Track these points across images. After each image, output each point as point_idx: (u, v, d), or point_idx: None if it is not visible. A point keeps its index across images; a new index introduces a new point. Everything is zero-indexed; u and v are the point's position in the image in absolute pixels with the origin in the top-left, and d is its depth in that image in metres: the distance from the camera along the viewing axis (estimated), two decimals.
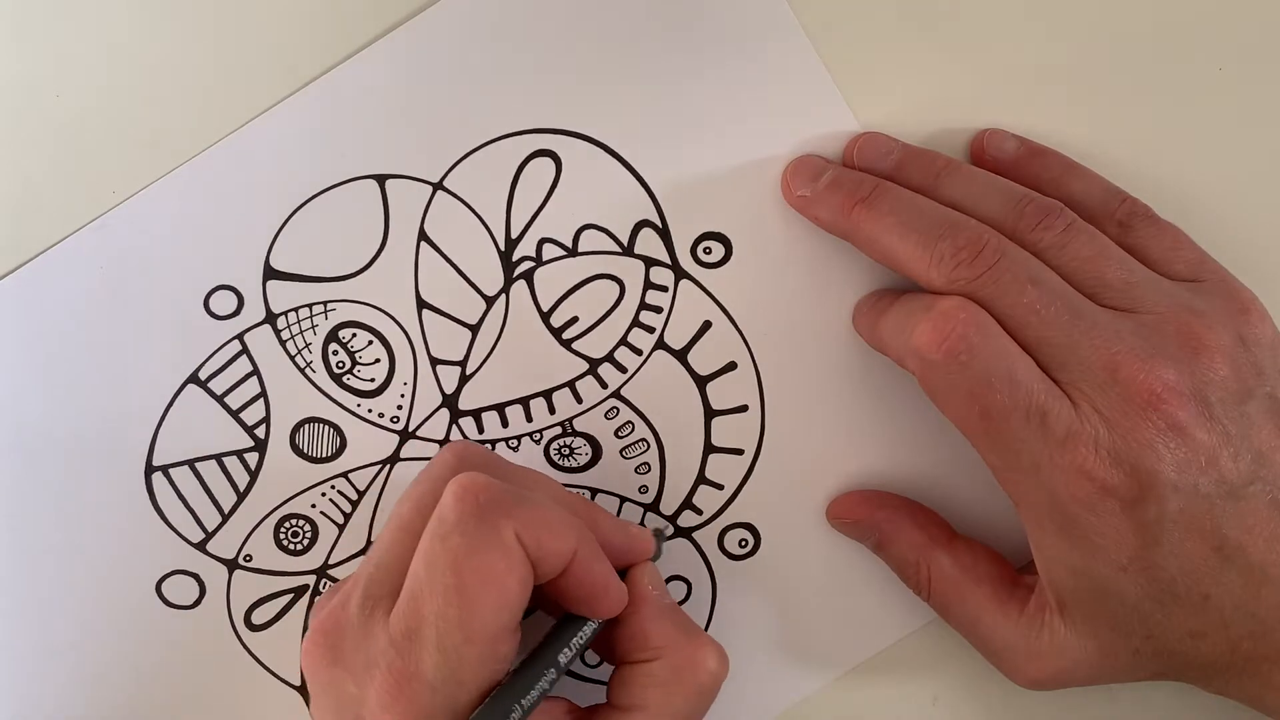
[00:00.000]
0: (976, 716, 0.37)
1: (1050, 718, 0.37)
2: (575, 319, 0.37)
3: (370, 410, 0.37)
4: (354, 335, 0.37)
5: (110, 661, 0.37)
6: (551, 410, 0.37)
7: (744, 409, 0.37)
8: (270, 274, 0.37)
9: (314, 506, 0.37)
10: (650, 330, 0.37)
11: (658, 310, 0.37)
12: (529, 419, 0.37)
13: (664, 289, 0.37)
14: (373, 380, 0.37)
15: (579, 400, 0.37)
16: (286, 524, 0.37)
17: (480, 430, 0.37)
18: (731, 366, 0.37)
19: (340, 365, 0.37)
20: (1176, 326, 0.30)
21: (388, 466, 0.37)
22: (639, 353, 0.37)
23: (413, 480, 0.33)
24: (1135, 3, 0.36)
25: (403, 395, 0.37)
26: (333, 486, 0.37)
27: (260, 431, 0.37)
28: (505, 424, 0.37)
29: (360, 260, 0.37)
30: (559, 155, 0.36)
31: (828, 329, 0.36)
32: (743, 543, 0.37)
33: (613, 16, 0.36)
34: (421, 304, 0.37)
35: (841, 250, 0.36)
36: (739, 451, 0.37)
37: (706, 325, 0.37)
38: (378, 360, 0.37)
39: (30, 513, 0.37)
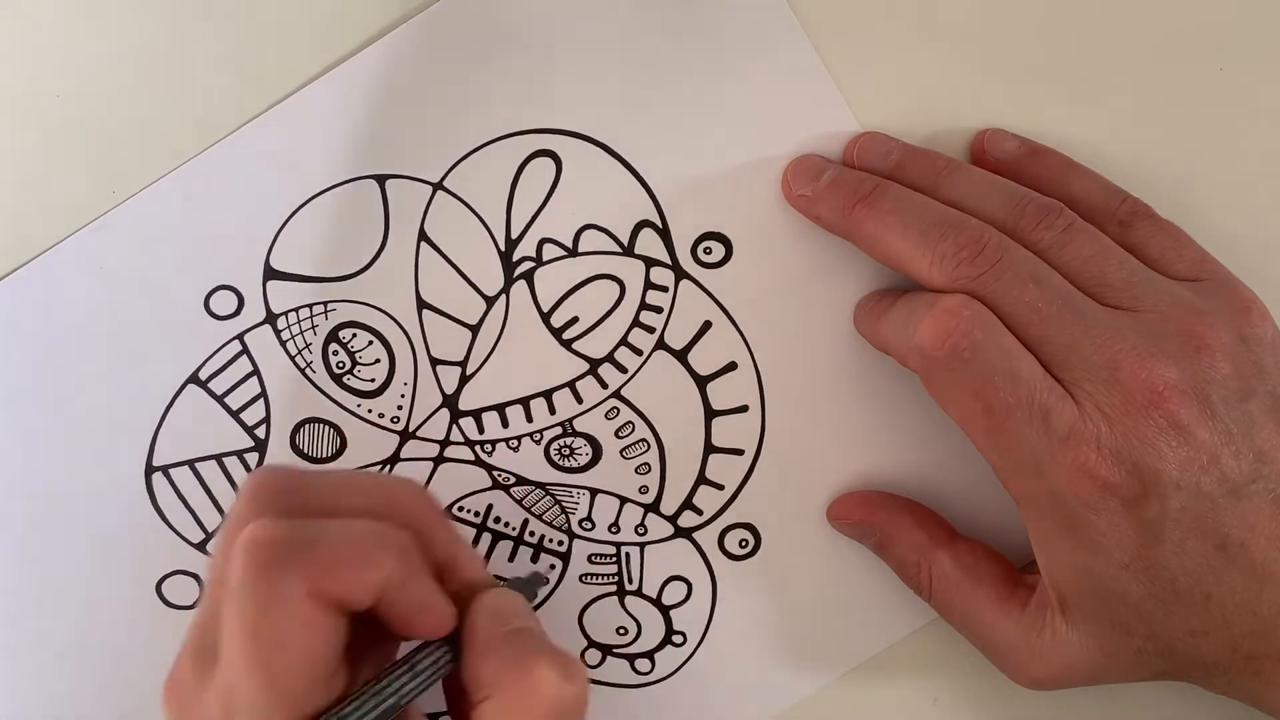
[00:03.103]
0: (976, 716, 0.37)
1: (1050, 718, 0.37)
2: (575, 319, 0.37)
3: (370, 410, 0.37)
4: (354, 335, 0.37)
5: (110, 661, 0.37)
6: (552, 410, 0.37)
7: (744, 409, 0.37)
8: (270, 274, 0.37)
9: None
10: (650, 330, 0.37)
11: (658, 310, 0.37)
12: (529, 419, 0.37)
13: (664, 289, 0.37)
14: (373, 380, 0.37)
15: (579, 400, 0.37)
16: None
17: (480, 430, 0.37)
18: (731, 366, 0.37)
19: (340, 365, 0.37)
20: (1178, 325, 0.30)
21: (388, 467, 0.37)
22: (639, 353, 0.37)
23: (223, 521, 0.31)
24: (1135, 3, 0.36)
25: (403, 395, 0.37)
26: None
27: (260, 432, 0.37)
28: (505, 424, 0.37)
29: (360, 260, 0.37)
30: (559, 155, 0.36)
31: (828, 329, 0.36)
32: (743, 543, 0.37)
33: (613, 17, 0.36)
34: (421, 304, 0.37)
35: (842, 250, 0.36)
36: (739, 451, 0.37)
37: (707, 325, 0.37)
38: (378, 360, 0.37)
39: (30, 513, 0.37)
